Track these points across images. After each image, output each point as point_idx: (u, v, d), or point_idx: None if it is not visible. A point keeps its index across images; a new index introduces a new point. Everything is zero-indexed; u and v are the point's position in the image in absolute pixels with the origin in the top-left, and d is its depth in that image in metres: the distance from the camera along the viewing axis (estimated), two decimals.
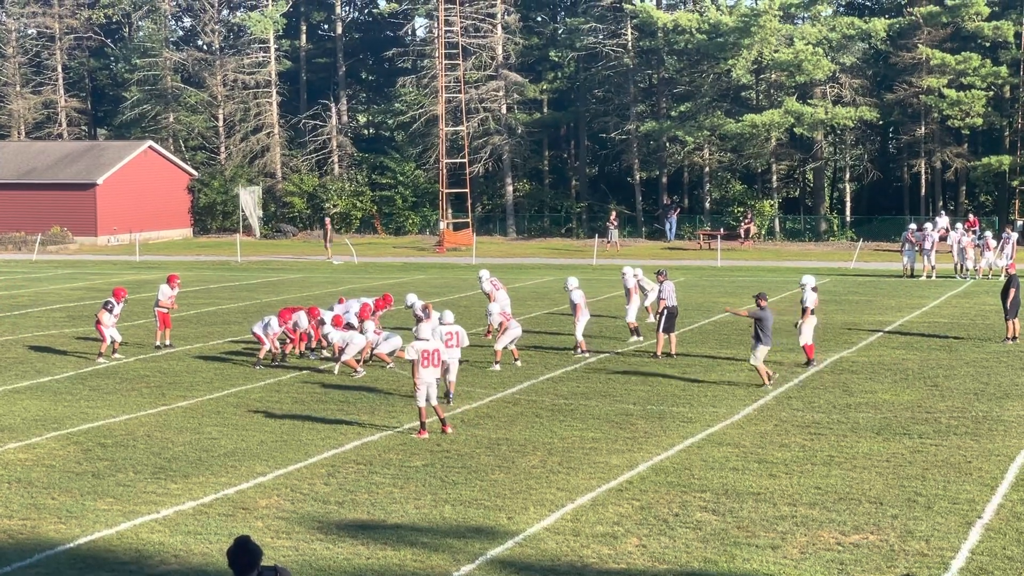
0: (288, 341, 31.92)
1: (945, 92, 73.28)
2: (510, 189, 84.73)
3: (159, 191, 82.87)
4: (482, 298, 38.82)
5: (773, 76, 78.89)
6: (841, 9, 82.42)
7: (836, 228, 78.99)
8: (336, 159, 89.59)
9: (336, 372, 29.68)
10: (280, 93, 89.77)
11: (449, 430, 22.98)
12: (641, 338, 34.62)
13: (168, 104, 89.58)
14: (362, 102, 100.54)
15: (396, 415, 24.75)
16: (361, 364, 29.93)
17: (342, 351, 29.91)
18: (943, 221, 57.59)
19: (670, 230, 77.65)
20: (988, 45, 76.18)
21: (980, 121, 74.05)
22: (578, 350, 32.60)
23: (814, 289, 30.91)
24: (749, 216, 75.72)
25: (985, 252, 52.94)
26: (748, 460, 20.82)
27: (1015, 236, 54.54)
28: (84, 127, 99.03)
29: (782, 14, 76.32)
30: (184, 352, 33.37)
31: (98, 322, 32.41)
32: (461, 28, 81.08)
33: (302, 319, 31.74)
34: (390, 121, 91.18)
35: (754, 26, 73.86)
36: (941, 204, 78.29)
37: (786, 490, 18.95)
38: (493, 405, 25.77)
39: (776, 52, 75.27)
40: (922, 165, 78.24)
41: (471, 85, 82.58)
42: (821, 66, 74.05)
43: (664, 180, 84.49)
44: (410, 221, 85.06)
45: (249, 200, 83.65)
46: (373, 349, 30.55)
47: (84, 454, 21.65)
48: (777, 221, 79.69)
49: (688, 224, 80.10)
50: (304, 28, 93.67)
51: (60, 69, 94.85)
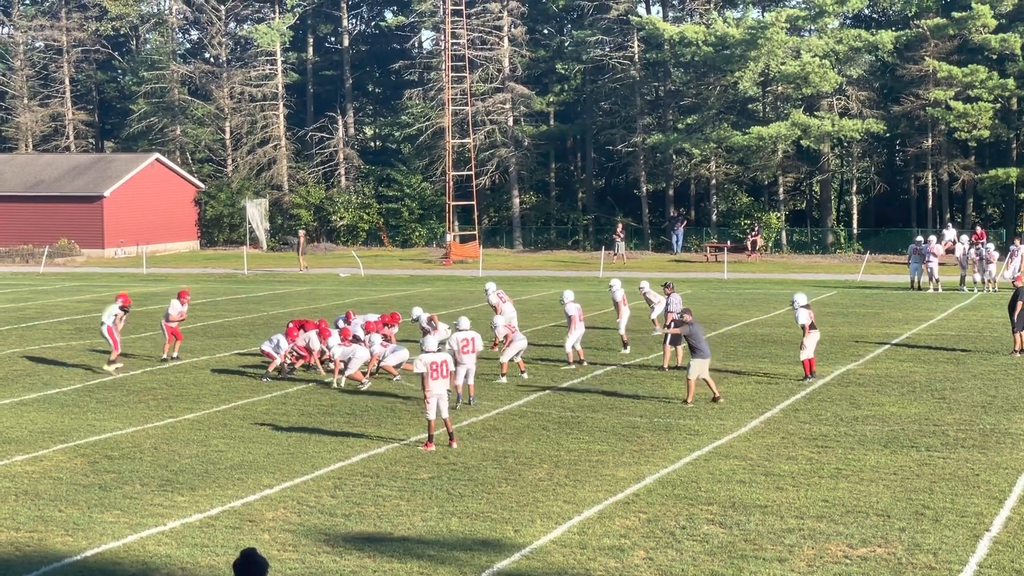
0: (300, 357, 31.85)
1: (952, 104, 73.27)
2: (517, 201, 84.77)
3: (166, 203, 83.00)
4: (488, 311, 38.79)
5: (780, 88, 78.92)
6: (848, 21, 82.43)
7: (843, 240, 78.95)
8: (343, 171, 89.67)
9: (342, 385, 29.67)
10: (287, 105, 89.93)
11: (455, 444, 22.96)
12: (628, 350, 34.76)
13: (175, 116, 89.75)
14: (369, 115, 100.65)
15: (403, 427, 24.75)
16: (368, 376, 29.93)
17: (345, 365, 29.96)
18: (950, 233, 57.52)
19: (677, 242, 77.64)
20: (995, 57, 76.15)
21: (987, 133, 74.04)
22: (568, 362, 32.54)
23: (805, 306, 29.93)
24: (756, 228, 75.68)
25: (987, 265, 52.78)
26: (755, 473, 20.79)
27: (1022, 249, 54.43)
28: (91, 140, 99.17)
29: (789, 27, 76.36)
30: (191, 364, 33.38)
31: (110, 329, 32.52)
32: (468, 41, 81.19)
33: (314, 340, 31.57)
34: (397, 133, 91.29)
35: (761, 39, 73.88)
36: (948, 216, 78.24)
37: (793, 503, 18.91)
38: (500, 418, 25.75)
39: (783, 64, 75.30)
40: (929, 177, 78.22)
41: (478, 97, 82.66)
42: (828, 78, 74.07)
43: (671, 192, 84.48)
44: (417, 233, 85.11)
45: (256, 212, 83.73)
46: (380, 362, 30.55)
47: (91, 466, 21.66)
48: (784, 233, 79.66)
49: (695, 236, 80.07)
50: (311, 41, 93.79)
51: (67, 82, 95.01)
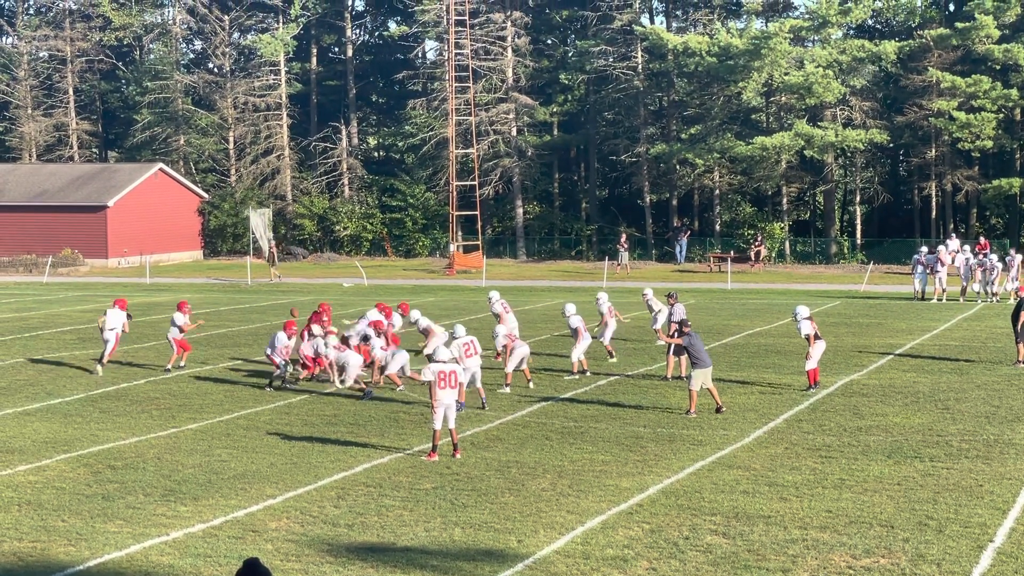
0: (305, 367, 31.83)
1: (955, 115, 73.30)
2: (520, 211, 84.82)
3: (170, 213, 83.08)
4: (491, 320, 38.78)
5: (783, 99, 78.96)
6: (851, 32, 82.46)
7: (847, 251, 78.96)
8: (346, 181, 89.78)
9: (346, 384, 29.76)
10: (290, 115, 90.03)
11: (459, 455, 22.94)
12: (614, 359, 34.79)
13: (179, 126, 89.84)
14: (372, 124, 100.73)
15: (406, 437, 24.74)
16: (373, 384, 29.98)
17: (342, 370, 30.29)
18: (954, 244, 57.52)
19: (680, 253, 77.65)
20: (998, 68, 76.17)
21: (990, 144, 74.06)
22: (572, 372, 32.59)
23: (807, 318, 30.14)
24: (759, 239, 75.69)
25: (990, 275, 52.76)
26: (759, 483, 20.77)
27: (1020, 258, 54.45)
28: (95, 149, 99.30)
29: (792, 37, 76.41)
30: (194, 374, 33.38)
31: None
32: (471, 51, 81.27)
33: (321, 347, 31.58)
34: (400, 143, 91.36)
35: (764, 49, 73.95)
36: (952, 227, 78.23)
37: (797, 513, 18.89)
38: (503, 427, 25.74)
39: (786, 75, 75.35)
40: (932, 188, 78.22)
41: (481, 108, 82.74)
42: (831, 89, 74.12)
43: (674, 203, 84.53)
44: (420, 243, 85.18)
45: (259, 222, 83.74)
46: (383, 371, 30.59)
47: (94, 476, 21.65)
48: (787, 244, 79.66)
49: (698, 247, 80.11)
50: (315, 51, 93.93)
51: (71, 92, 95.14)
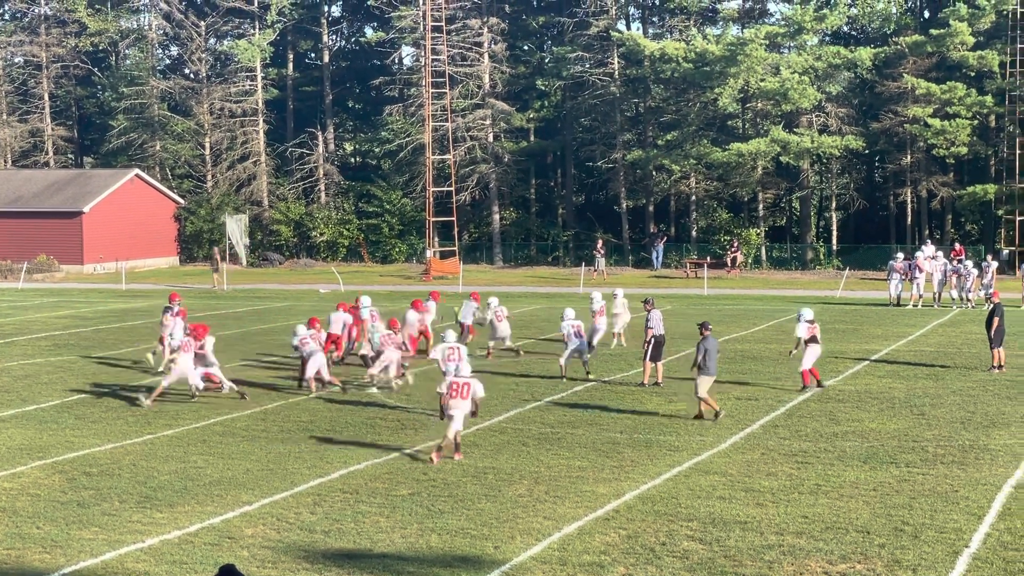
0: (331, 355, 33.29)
1: (930, 121, 73.61)
2: (497, 217, 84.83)
3: (146, 219, 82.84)
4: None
5: (759, 105, 79.15)
6: (827, 38, 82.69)
7: (822, 257, 79.15)
8: (323, 187, 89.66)
9: (312, 389, 29.77)
10: (267, 121, 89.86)
11: (459, 456, 23.10)
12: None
13: (155, 132, 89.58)
14: (349, 130, 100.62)
15: (382, 443, 24.69)
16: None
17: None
18: (929, 250, 57.72)
19: (657, 259, 77.75)
20: (973, 75, 76.51)
21: (965, 150, 74.36)
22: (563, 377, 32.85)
23: (810, 321, 30.92)
24: (736, 245, 75.84)
25: (965, 281, 52.94)
26: (735, 489, 20.80)
27: (995, 264, 54.65)
28: (71, 155, 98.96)
29: (768, 43, 76.61)
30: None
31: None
32: (448, 57, 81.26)
33: (335, 322, 34.38)
34: (377, 149, 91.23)
35: (740, 55, 74.14)
36: (927, 233, 78.49)
37: (773, 519, 18.92)
38: (480, 434, 25.72)
39: (762, 81, 75.54)
40: (908, 194, 78.49)
41: (458, 114, 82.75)
42: (807, 95, 74.34)
43: (651, 209, 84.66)
44: (397, 249, 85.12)
45: (236, 228, 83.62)
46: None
47: (69, 483, 21.56)
48: (763, 250, 79.83)
49: (675, 253, 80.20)
50: (291, 57, 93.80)
51: (47, 97, 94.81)
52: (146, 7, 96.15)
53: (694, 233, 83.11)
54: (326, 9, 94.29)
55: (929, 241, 69.15)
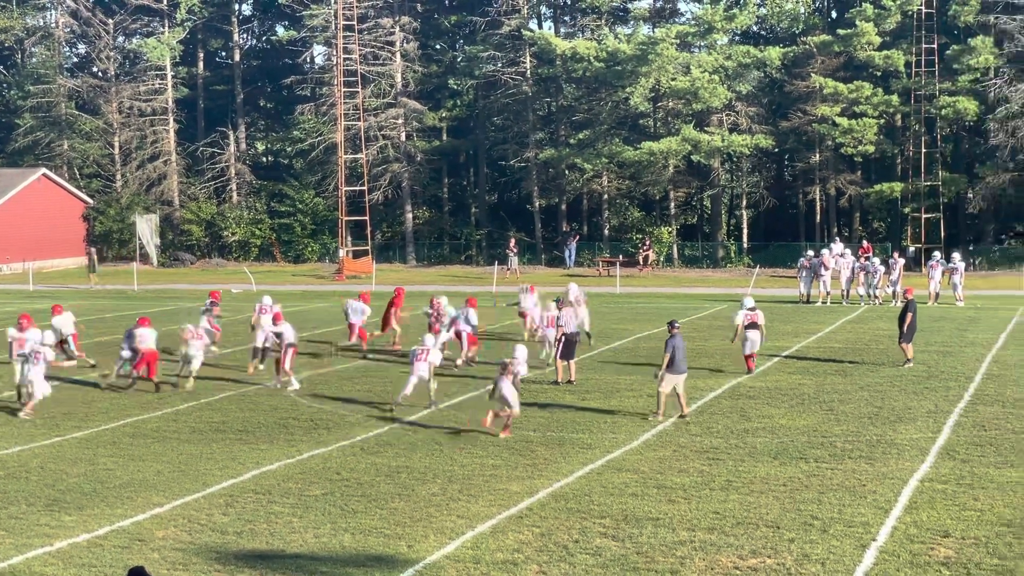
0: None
1: (838, 120, 74.41)
2: (410, 216, 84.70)
3: (53, 219, 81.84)
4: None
5: (670, 104, 79.60)
6: (737, 38, 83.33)
7: (733, 255, 79.77)
8: (234, 187, 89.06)
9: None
10: (177, 120, 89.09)
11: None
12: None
13: (62, 131, 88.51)
14: (260, 130, 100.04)
15: (295, 443, 24.60)
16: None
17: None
18: (837, 247, 58.34)
19: (569, 257, 78.00)
20: (879, 74, 77.46)
21: (872, 149, 75.26)
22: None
23: (751, 309, 33.86)
24: (648, 243, 76.25)
25: (873, 278, 53.58)
26: (647, 486, 20.93)
27: (902, 261, 55.34)
28: None
29: (679, 43, 77.09)
30: (80, 381, 32.92)
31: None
32: (360, 56, 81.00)
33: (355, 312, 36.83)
34: (289, 149, 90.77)
35: (651, 54, 74.54)
36: (835, 231, 79.34)
37: (685, 515, 19.07)
38: (393, 433, 25.69)
39: (673, 80, 76.00)
40: (817, 192, 79.31)
41: (370, 113, 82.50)
42: (717, 94, 74.89)
43: (563, 207, 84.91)
44: (309, 249, 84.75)
45: (146, 228, 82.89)
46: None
47: None
48: (675, 248, 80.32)
49: (587, 251, 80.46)
50: (201, 55, 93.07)
51: None
52: (52, 4, 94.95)
53: (606, 231, 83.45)
54: (237, 7, 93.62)
55: (837, 239, 69.96)
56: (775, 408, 28.11)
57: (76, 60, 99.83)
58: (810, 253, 56.24)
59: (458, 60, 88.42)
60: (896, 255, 56.50)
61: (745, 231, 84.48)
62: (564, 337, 31.82)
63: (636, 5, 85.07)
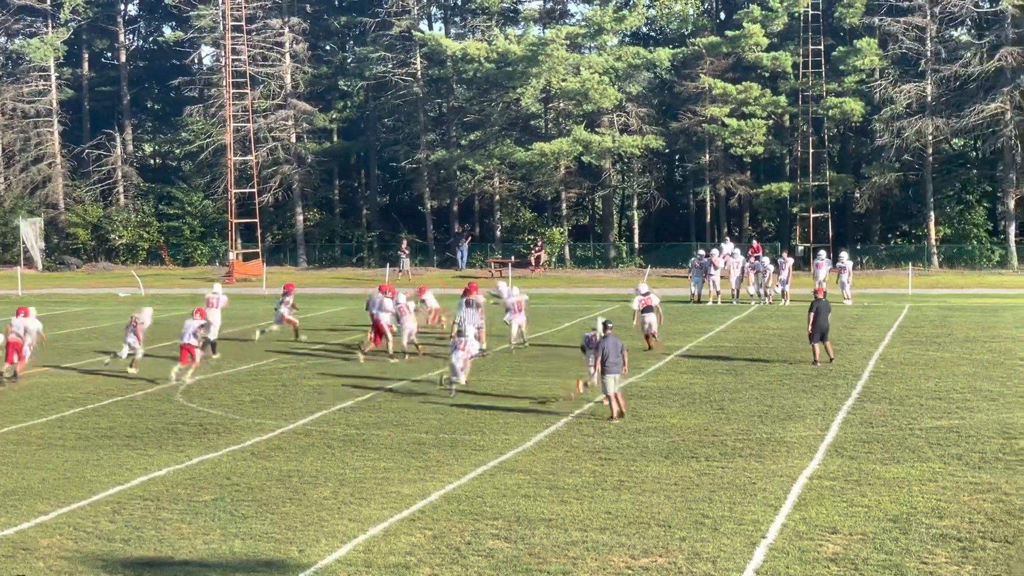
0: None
1: (727, 121, 75.06)
2: (300, 219, 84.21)
3: None
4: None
5: (561, 105, 79.86)
6: (627, 39, 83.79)
7: (625, 255, 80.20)
8: (121, 189, 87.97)
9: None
10: (62, 122, 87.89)
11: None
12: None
13: None
14: (148, 131, 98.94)
15: (184, 449, 24.30)
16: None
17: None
18: (727, 247, 58.87)
19: (461, 258, 77.99)
20: (767, 75, 78.28)
21: (761, 149, 76.03)
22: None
23: (644, 294, 38.14)
24: (539, 244, 76.45)
25: (763, 277, 54.11)
26: (540, 487, 20.93)
27: (791, 261, 55.98)
28: None
29: (569, 43, 77.37)
30: None
31: None
32: (249, 57, 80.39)
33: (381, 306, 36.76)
34: (177, 151, 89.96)
35: (542, 55, 74.74)
36: (726, 230, 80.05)
37: (577, 515, 19.08)
38: (284, 436, 25.49)
39: (564, 81, 76.24)
40: (707, 192, 80.00)
41: (260, 114, 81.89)
42: (608, 95, 75.24)
43: (455, 208, 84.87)
44: (199, 252, 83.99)
45: (30, 232, 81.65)
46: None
47: None
48: (567, 248, 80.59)
49: (479, 252, 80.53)
50: (86, 56, 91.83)
51: None
52: None
53: (498, 232, 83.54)
54: (122, 8, 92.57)
55: (728, 238, 70.60)
56: (666, 408, 28.25)
57: None
58: (701, 253, 56.65)
59: (348, 61, 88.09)
60: (785, 255, 57.11)
61: (636, 231, 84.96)
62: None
63: (526, 6, 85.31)
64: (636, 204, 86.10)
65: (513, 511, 19.39)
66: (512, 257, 75.05)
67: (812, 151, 76.54)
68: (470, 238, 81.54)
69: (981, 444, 23.82)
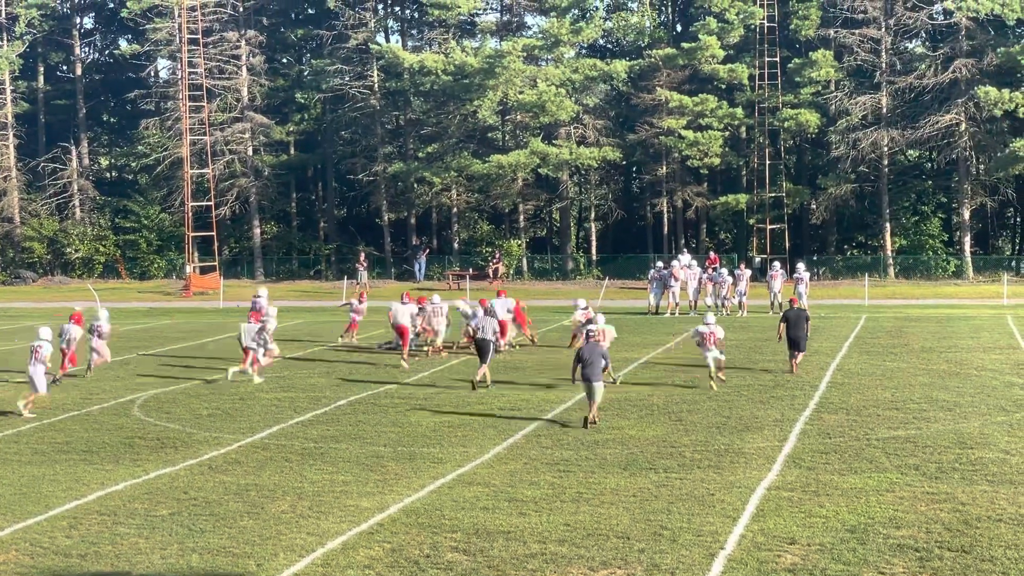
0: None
1: (684, 133, 75.31)
2: (258, 232, 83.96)
3: None
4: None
5: (518, 117, 79.92)
6: (583, 51, 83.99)
7: (583, 267, 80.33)
8: (77, 203, 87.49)
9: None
10: (17, 136, 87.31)
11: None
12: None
13: None
14: (104, 145, 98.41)
15: (141, 463, 24.18)
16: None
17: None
18: (685, 258, 59.05)
19: (419, 271, 77.94)
20: (724, 87, 78.63)
21: (718, 161, 76.29)
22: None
23: (584, 308, 39.89)
24: (497, 256, 76.49)
25: (718, 288, 54.28)
26: (499, 499, 20.92)
27: (748, 272, 56.20)
28: None
29: (526, 56, 77.49)
30: None
31: None
32: (205, 70, 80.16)
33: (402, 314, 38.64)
34: (133, 164, 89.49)
35: (498, 67, 74.83)
36: (683, 242, 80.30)
37: (536, 528, 19.08)
38: (241, 450, 25.39)
39: (521, 93, 76.33)
40: (664, 204, 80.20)
41: (216, 127, 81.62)
42: (564, 107, 75.37)
43: (413, 221, 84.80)
44: (155, 265, 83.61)
45: None
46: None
47: None
48: (525, 260, 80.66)
49: (437, 264, 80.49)
50: (42, 69, 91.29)
51: None
52: None
53: (456, 245, 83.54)
54: (78, 21, 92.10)
55: (685, 250, 70.79)
56: (624, 419, 28.28)
57: None
58: (660, 264, 56.79)
59: (305, 74, 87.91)
60: (742, 266, 57.33)
61: (594, 243, 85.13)
62: (479, 342, 33.78)
63: (483, 18, 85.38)
64: (593, 216, 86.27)
65: (472, 524, 19.38)
66: (470, 269, 75.04)
67: (768, 163, 76.92)
68: (428, 250, 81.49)
69: (938, 454, 23.96)
